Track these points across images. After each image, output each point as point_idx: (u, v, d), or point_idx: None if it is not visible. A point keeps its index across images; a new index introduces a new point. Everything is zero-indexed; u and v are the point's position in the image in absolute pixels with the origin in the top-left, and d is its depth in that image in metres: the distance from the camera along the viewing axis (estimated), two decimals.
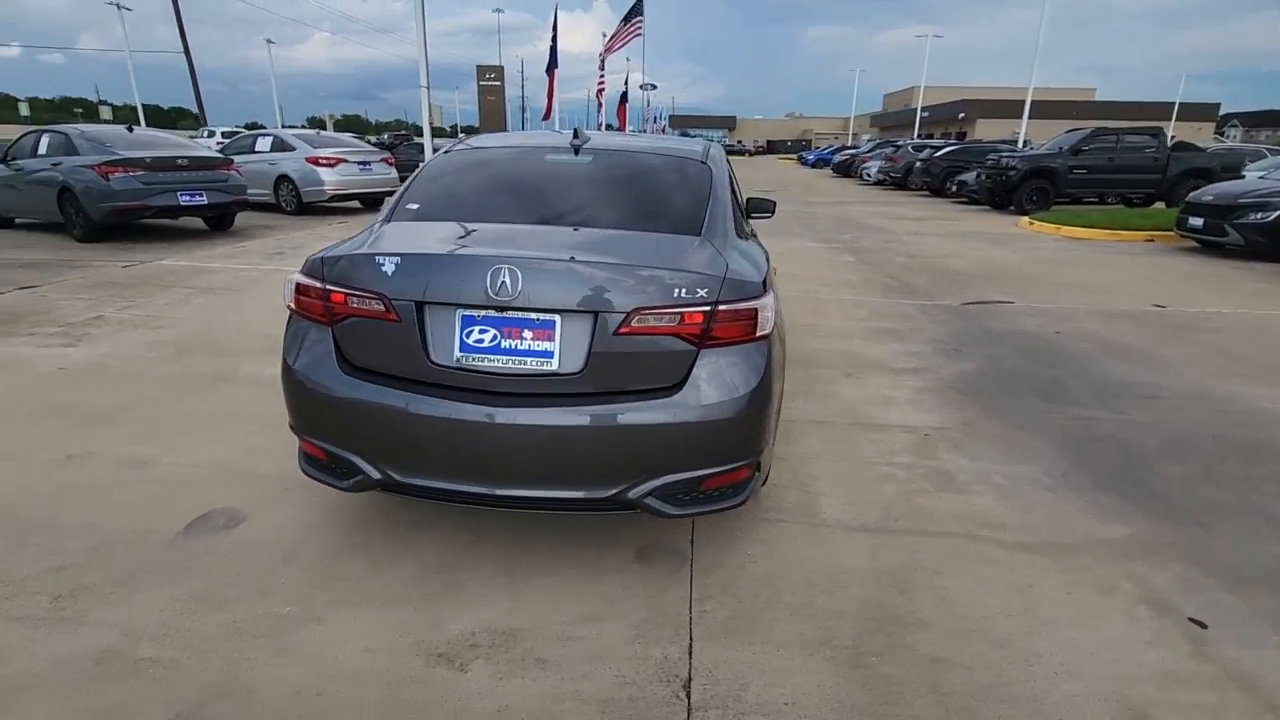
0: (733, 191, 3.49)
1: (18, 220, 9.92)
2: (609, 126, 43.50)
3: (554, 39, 25.75)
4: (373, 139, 30.84)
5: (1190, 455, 3.38)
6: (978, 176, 16.49)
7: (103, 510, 2.64)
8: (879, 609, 2.21)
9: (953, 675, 1.94)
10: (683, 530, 2.62)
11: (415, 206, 2.60)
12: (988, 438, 3.54)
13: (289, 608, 2.15)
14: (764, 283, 2.27)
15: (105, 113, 49.19)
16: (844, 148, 37.53)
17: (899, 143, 25.74)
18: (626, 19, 36.15)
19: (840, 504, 2.85)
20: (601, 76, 36.34)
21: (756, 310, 2.16)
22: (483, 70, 65.78)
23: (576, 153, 2.90)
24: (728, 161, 3.56)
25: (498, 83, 63.90)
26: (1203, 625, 2.18)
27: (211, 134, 29.45)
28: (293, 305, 2.29)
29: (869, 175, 25.58)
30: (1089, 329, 5.68)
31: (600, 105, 36.65)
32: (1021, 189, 14.66)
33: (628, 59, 36.07)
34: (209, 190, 9.00)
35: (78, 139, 8.75)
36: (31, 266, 7.25)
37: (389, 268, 2.12)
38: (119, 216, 8.38)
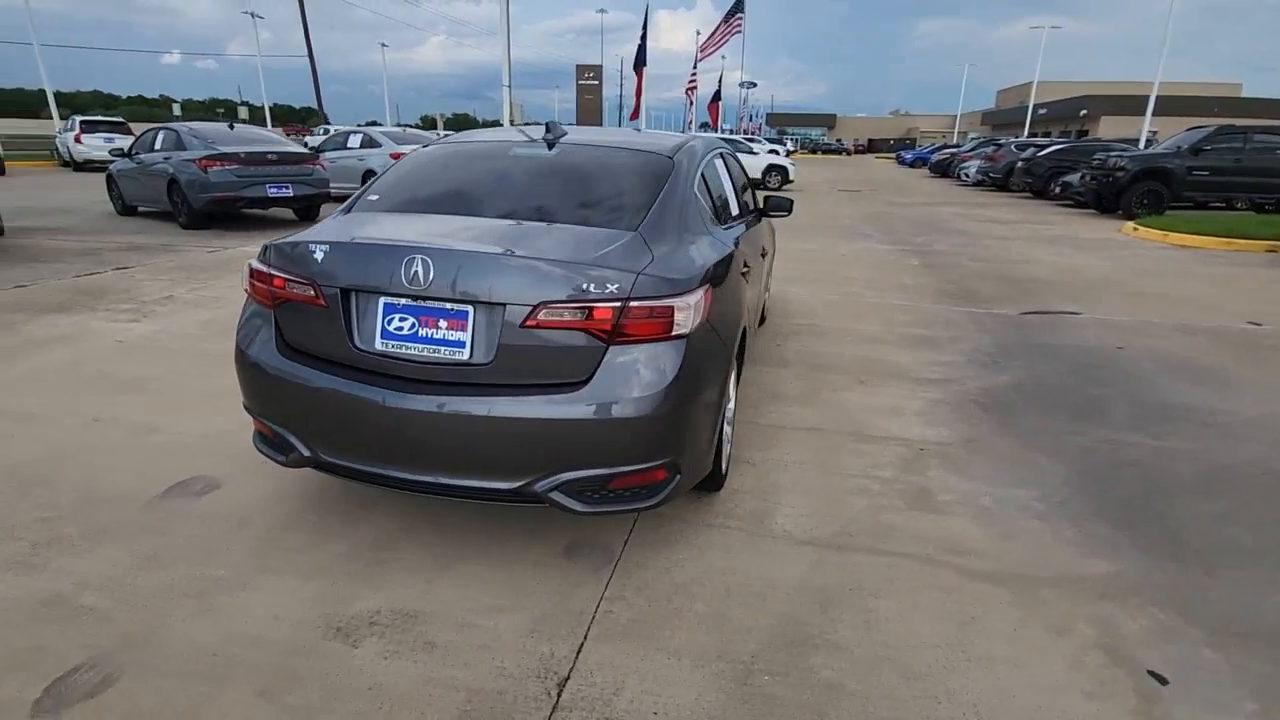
0: (731, 185, 3.41)
1: (140, 208, 11.01)
2: (703, 125, 43.33)
3: (643, 37, 25.84)
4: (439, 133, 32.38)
5: (1226, 490, 3.00)
6: (1082, 177, 15.25)
7: (101, 470, 2.90)
8: (793, 627, 2.10)
9: (845, 704, 1.82)
10: (620, 529, 2.59)
11: (375, 198, 2.69)
12: (992, 456, 3.28)
13: (223, 572, 2.28)
14: (693, 280, 2.20)
15: (243, 112, 53.83)
16: (944, 146, 35.62)
17: (1001, 141, 24.15)
18: (727, 17, 35.91)
19: (797, 515, 2.73)
20: (693, 75, 36.22)
21: (673, 308, 2.10)
22: (582, 70, 67.23)
23: (550, 147, 2.92)
24: (720, 158, 3.48)
25: (595, 82, 65.08)
26: (1163, 680, 1.93)
27: (326, 131, 31.79)
28: (247, 289, 2.43)
29: (967, 175, 24.17)
30: (1160, 346, 5.14)
31: (691, 104, 36.55)
32: (1131, 191, 13.42)
33: (723, 57, 35.73)
34: (294, 183, 9.68)
35: (185, 135, 9.63)
36: (135, 250, 8.05)
37: (319, 255, 2.22)
38: (216, 206, 9.16)
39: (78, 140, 21.51)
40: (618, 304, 2.04)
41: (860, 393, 4.08)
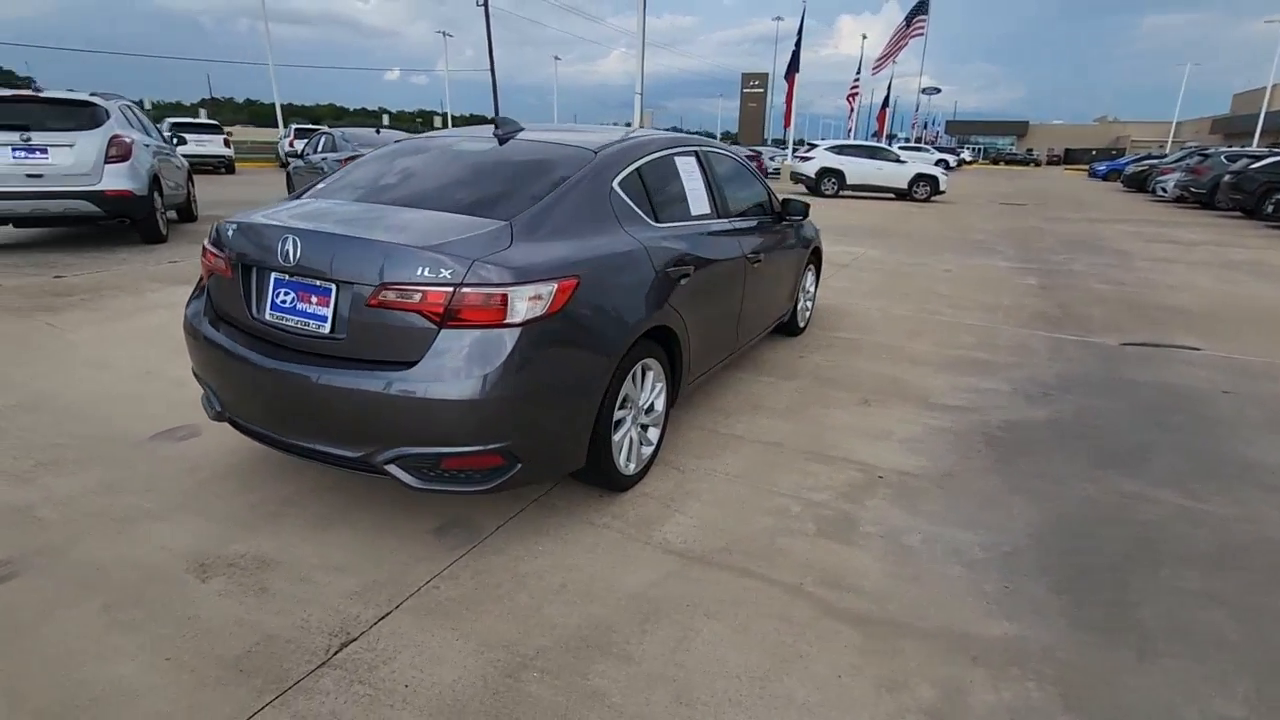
0: (705, 185, 3.33)
1: None
2: (873, 135, 41.34)
3: (797, 43, 25.18)
4: None
5: (1241, 568, 2.44)
6: None
7: (124, 413, 3.44)
8: (599, 632, 2.03)
9: (593, 715, 1.74)
10: (499, 513, 2.62)
11: (321, 186, 2.95)
12: (961, 494, 2.91)
13: (152, 505, 2.63)
14: (543, 272, 2.20)
15: (438, 122, 59.97)
16: (1146, 156, 31.16)
17: (1209, 151, 20.73)
18: (909, 19, 34.02)
19: (688, 526, 2.60)
20: (856, 81, 34.79)
21: (507, 296, 2.11)
22: (747, 78, 67.01)
23: (501, 143, 3.03)
24: (694, 157, 3.40)
25: (760, 89, 64.58)
26: None
27: None
28: (202, 262, 2.78)
29: (1164, 190, 21.04)
30: None
31: (852, 110, 35.12)
32: None
33: (895, 62, 33.90)
34: None
35: (339, 139, 10.94)
36: None
37: (231, 233, 2.49)
38: None
39: (290, 144, 25.11)
40: (450, 289, 2.10)
41: (856, 413, 3.77)
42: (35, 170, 7.07)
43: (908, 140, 57.44)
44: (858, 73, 35.01)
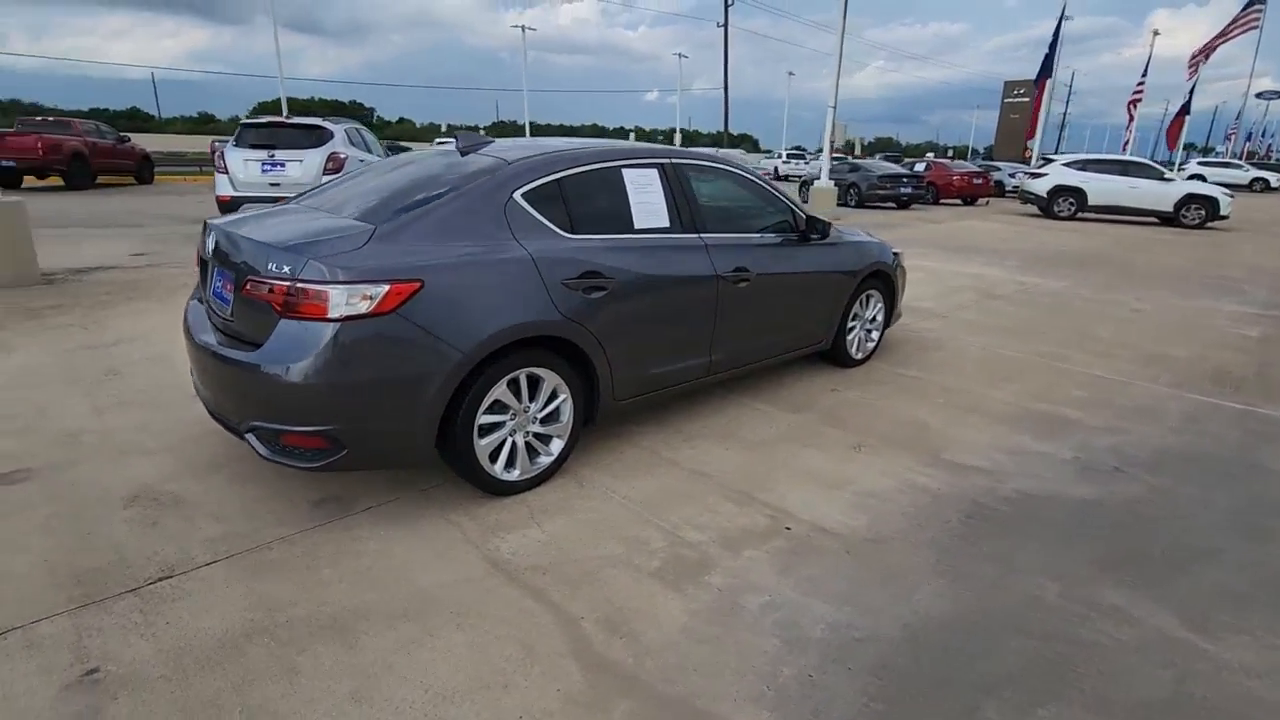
0: (658, 199, 3.23)
1: None
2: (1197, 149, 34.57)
3: (1052, 44, 21.95)
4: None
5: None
6: None
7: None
8: (350, 617, 2.12)
9: (274, 689, 1.84)
10: (378, 496, 2.81)
11: (311, 191, 3.38)
12: (866, 564, 2.47)
13: (152, 445, 3.25)
14: (378, 273, 2.35)
15: (677, 139, 63.31)
16: None
17: None
18: (1247, 6, 28.19)
19: (533, 541, 2.56)
20: (1140, 85, 29.40)
21: (328, 293, 2.30)
22: (1010, 86, 60.17)
23: (462, 155, 3.23)
24: (656, 170, 3.30)
25: (1026, 98, 57.37)
26: None
27: (768, 153, 36.05)
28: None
29: None
30: None
31: (1131, 119, 29.74)
32: None
33: (1191, 64, 28.02)
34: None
35: None
36: None
37: (202, 232, 2.99)
38: None
39: None
40: (288, 283, 2.34)
41: (835, 457, 3.34)
42: (275, 180, 8.91)
43: (1219, 155, 47.02)
44: (1143, 75, 29.54)
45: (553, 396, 2.90)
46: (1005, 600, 2.29)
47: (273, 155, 8.90)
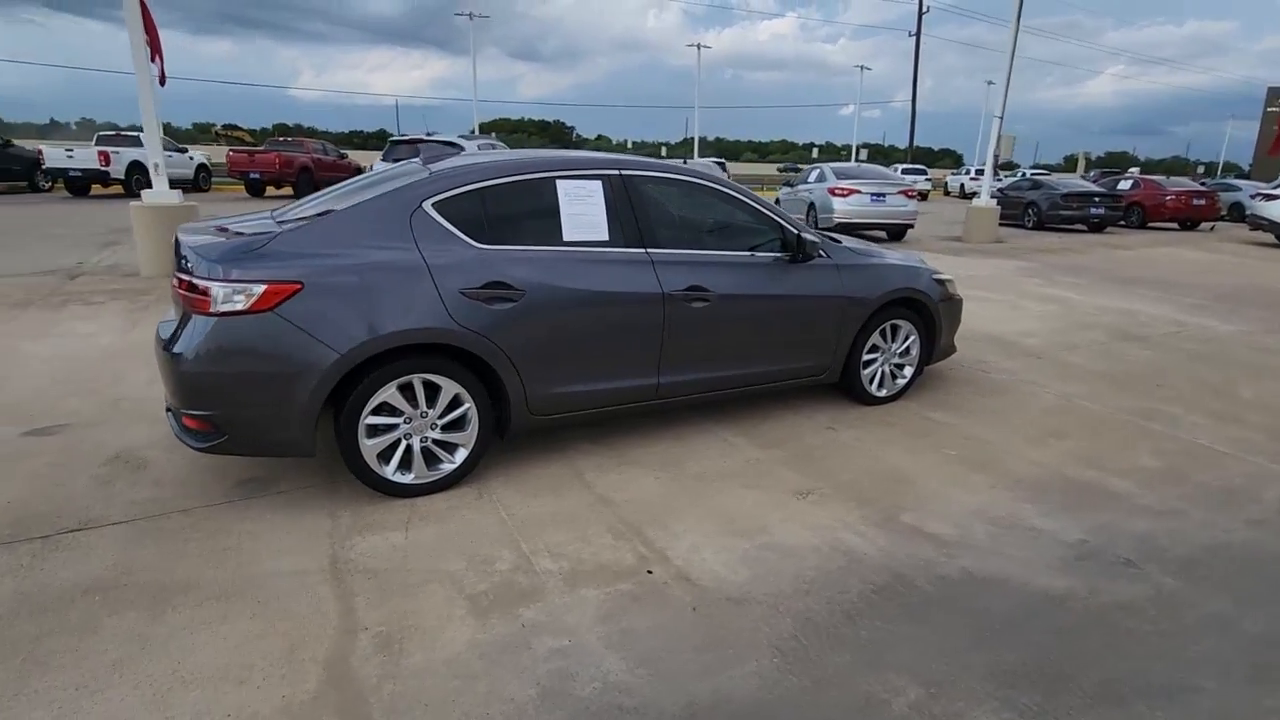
0: (591, 211, 3.14)
1: None
2: None
3: None
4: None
5: None
6: None
7: None
8: (119, 590, 2.27)
9: None
10: (292, 483, 2.98)
11: (300, 202, 3.67)
12: (691, 625, 2.18)
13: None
14: (253, 273, 2.51)
15: (862, 154, 60.81)
16: None
17: None
18: None
19: (322, 546, 2.57)
20: None
21: (211, 290, 2.49)
22: (1275, 93, 49.88)
23: (424, 165, 3.36)
24: (597, 182, 3.21)
25: None
26: None
27: (966, 171, 34.24)
28: None
29: None
30: None
31: None
32: None
33: None
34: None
35: (828, 171, 12.36)
36: None
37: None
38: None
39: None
40: (189, 279, 2.57)
41: (771, 499, 2.98)
42: None
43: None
44: None
45: (456, 404, 2.90)
46: (835, 698, 1.90)
47: None
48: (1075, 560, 2.60)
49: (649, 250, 3.24)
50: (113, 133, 19.55)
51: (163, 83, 7.53)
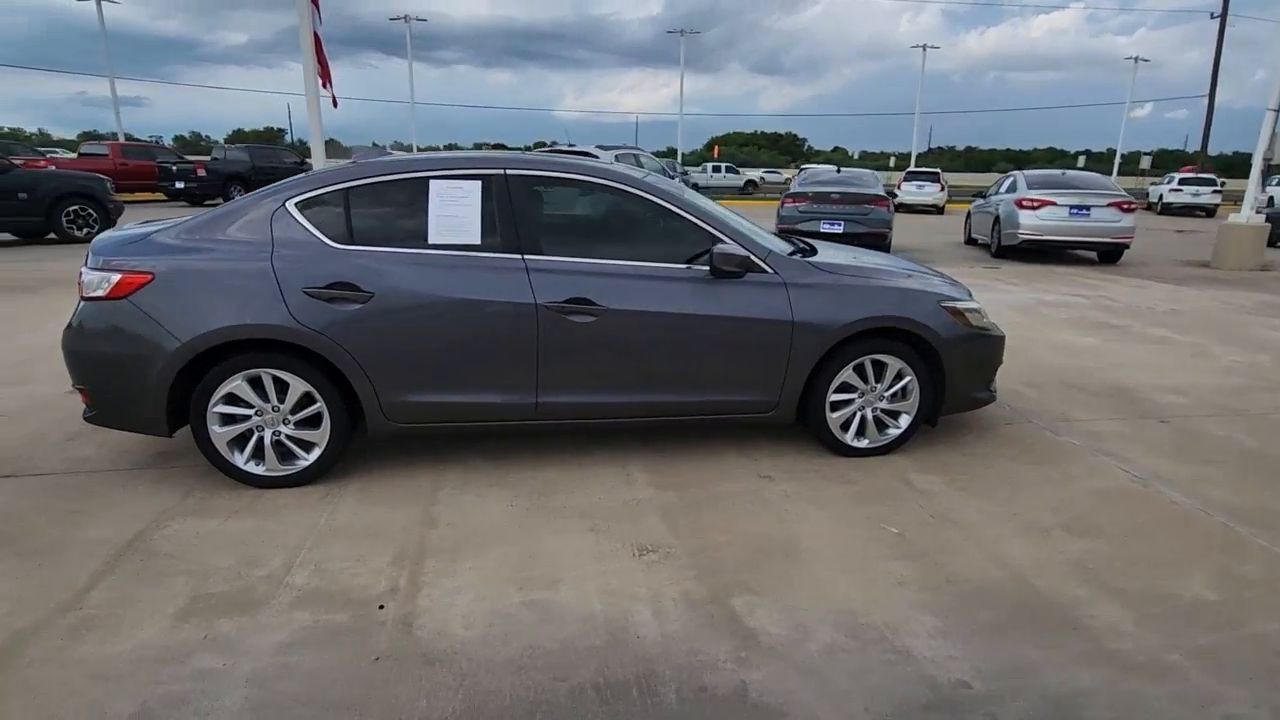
0: (463, 215, 2.98)
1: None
2: None
3: None
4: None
5: None
6: None
7: None
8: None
9: None
10: (188, 460, 3.20)
11: None
12: (380, 669, 1.90)
13: None
14: (110, 263, 2.74)
15: (1145, 162, 51.43)
16: None
17: None
18: None
19: (180, 527, 2.64)
20: None
21: (82, 277, 2.76)
22: None
23: None
24: (396, 179, 3.04)
25: None
26: None
27: (1168, 179, 27.86)
28: None
29: None
30: None
31: None
32: None
33: None
34: (847, 221, 10.21)
35: (1021, 180, 11.35)
36: None
37: None
38: (784, 235, 10.76)
39: (899, 187, 26.24)
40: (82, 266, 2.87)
41: (597, 553, 2.54)
42: None
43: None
44: None
45: (310, 402, 2.90)
46: None
47: None
48: (912, 712, 1.83)
49: (526, 257, 2.96)
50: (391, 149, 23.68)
51: (335, 105, 8.75)
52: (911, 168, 32.94)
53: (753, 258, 3.11)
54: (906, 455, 3.42)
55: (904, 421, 3.39)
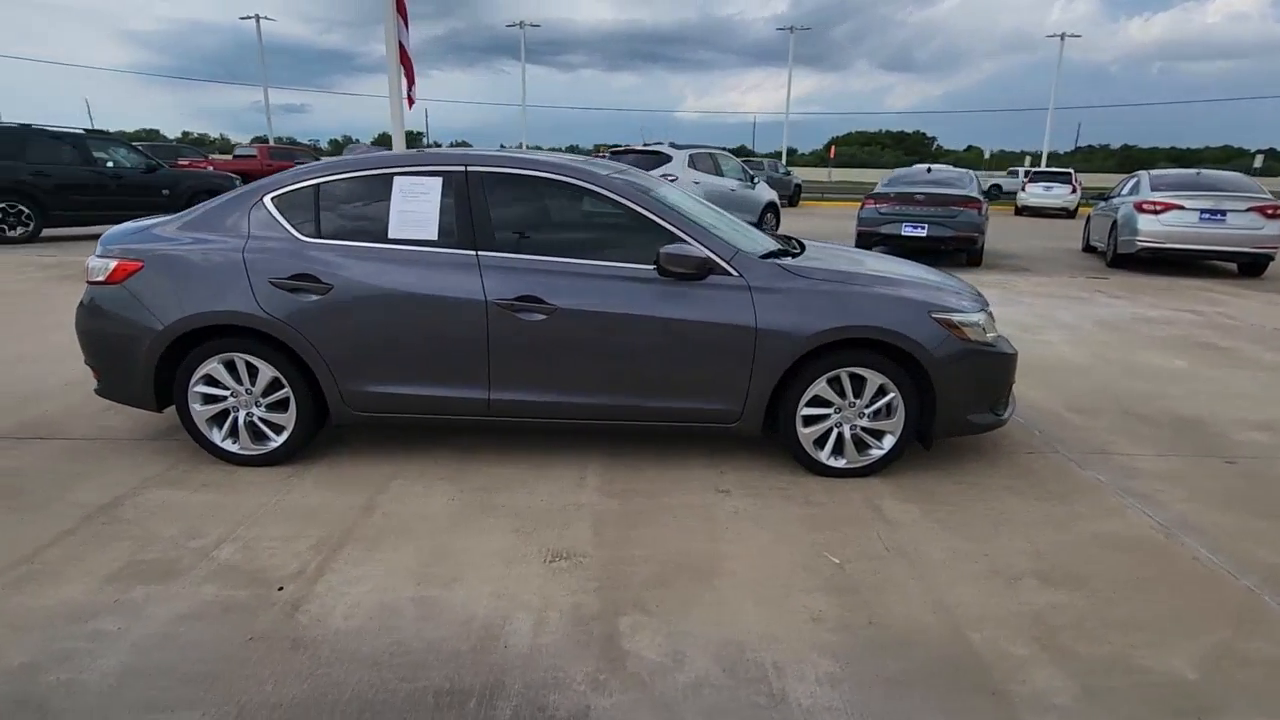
0: (409, 210, 3.03)
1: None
2: None
3: None
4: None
5: None
6: None
7: None
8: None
9: None
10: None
11: None
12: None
13: None
14: (111, 253, 2.99)
15: (1258, 161, 44.91)
16: None
17: None
18: None
19: (144, 499, 2.84)
20: None
21: (88, 264, 3.03)
22: None
23: None
24: (362, 175, 3.13)
25: None
26: None
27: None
28: None
29: None
30: None
31: None
32: None
33: None
34: (932, 224, 9.51)
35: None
36: None
37: None
38: (861, 240, 10.21)
39: (1023, 189, 24.24)
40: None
41: (509, 555, 2.50)
42: None
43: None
44: None
45: (279, 387, 3.06)
46: None
47: None
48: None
49: (479, 253, 2.96)
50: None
51: (410, 105, 9.23)
52: (1041, 167, 30.44)
53: (715, 258, 2.94)
54: (888, 479, 3.12)
55: (888, 442, 3.09)
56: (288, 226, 3.03)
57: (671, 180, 9.95)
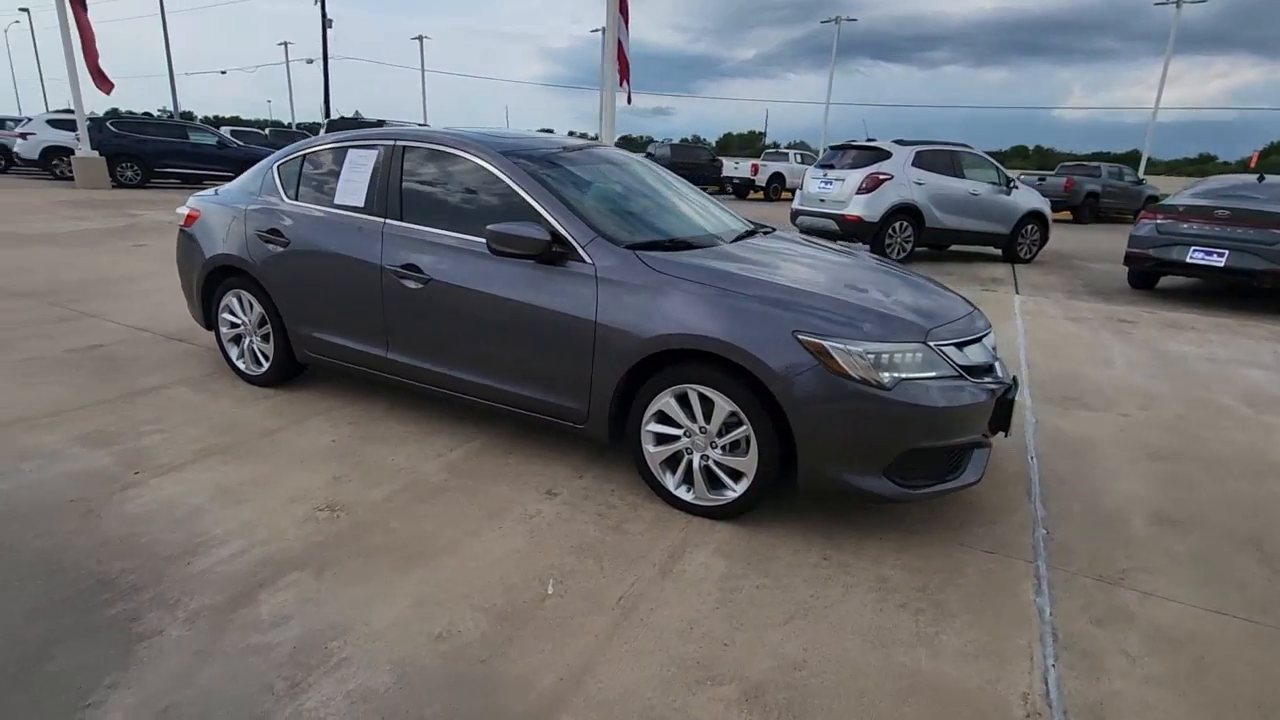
0: (369, 183, 3.35)
1: None
2: None
3: None
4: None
5: None
6: None
7: None
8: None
9: None
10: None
11: None
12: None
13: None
14: (190, 205, 3.88)
15: None
16: None
17: None
18: None
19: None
20: None
21: (180, 210, 3.99)
22: None
23: None
24: (334, 147, 3.55)
25: None
26: None
27: None
28: None
29: None
30: None
31: None
32: None
33: None
34: (1235, 251, 6.87)
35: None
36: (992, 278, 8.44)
37: None
38: (1131, 263, 7.87)
39: None
40: None
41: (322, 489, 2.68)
42: (823, 196, 9.63)
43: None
44: None
45: (265, 324, 3.69)
46: None
47: (827, 174, 9.60)
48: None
49: (386, 221, 3.16)
50: (774, 150, 25.69)
51: (629, 101, 9.76)
52: None
53: (569, 241, 2.71)
54: (740, 526, 2.55)
55: (742, 487, 2.52)
56: (281, 190, 3.62)
57: (885, 179, 8.94)
